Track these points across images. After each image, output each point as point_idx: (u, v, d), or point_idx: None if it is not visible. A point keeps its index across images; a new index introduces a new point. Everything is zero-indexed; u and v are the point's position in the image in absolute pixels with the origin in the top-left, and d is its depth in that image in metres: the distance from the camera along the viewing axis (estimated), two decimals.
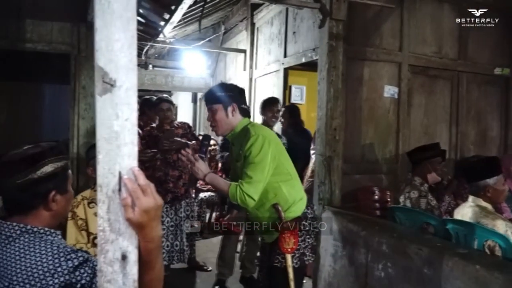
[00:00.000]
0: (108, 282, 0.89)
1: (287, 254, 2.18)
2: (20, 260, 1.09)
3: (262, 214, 2.22)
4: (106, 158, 0.89)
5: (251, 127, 2.18)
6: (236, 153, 2.22)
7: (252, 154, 2.07)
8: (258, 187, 2.07)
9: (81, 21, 3.16)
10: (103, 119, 0.89)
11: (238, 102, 2.22)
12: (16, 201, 1.20)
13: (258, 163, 2.06)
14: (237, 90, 2.31)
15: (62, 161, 1.27)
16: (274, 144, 2.14)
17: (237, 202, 2.07)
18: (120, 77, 0.90)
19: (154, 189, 0.92)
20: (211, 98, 2.22)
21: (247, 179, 2.06)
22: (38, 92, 3.51)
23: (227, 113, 2.18)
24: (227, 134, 2.26)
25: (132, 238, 0.90)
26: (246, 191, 2.04)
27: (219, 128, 2.22)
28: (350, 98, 3.64)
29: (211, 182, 2.15)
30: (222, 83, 2.41)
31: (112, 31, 0.89)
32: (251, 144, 2.07)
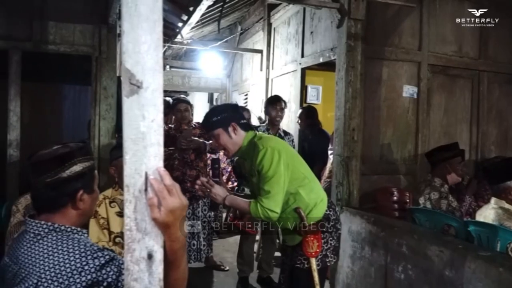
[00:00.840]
0: (135, 281, 0.91)
1: (311, 258, 2.17)
2: (48, 258, 1.11)
3: (284, 219, 2.22)
4: (133, 159, 0.90)
5: (258, 140, 2.17)
6: (249, 168, 2.23)
7: (264, 168, 2.07)
8: (277, 199, 2.08)
9: (102, 23, 3.21)
10: (130, 120, 0.90)
11: (235, 120, 2.21)
12: (45, 199, 1.23)
13: (272, 176, 2.07)
14: (230, 109, 2.30)
15: (89, 161, 1.30)
16: (284, 153, 2.12)
17: (261, 218, 2.09)
18: (146, 78, 0.91)
19: (179, 190, 0.93)
20: (209, 126, 2.22)
21: (265, 194, 2.07)
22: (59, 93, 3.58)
23: (230, 134, 2.18)
24: (237, 153, 2.26)
25: (158, 237, 0.92)
26: (267, 206, 2.06)
27: (228, 151, 2.23)
28: (368, 98, 3.61)
29: (231, 204, 2.19)
30: (213, 107, 2.43)
31: (139, 33, 0.91)
32: (261, 158, 2.08)
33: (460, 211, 2.89)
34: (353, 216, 3.04)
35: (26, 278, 1.11)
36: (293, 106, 4.78)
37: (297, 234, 2.17)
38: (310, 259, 2.16)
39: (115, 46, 3.30)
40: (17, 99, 3.09)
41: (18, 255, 1.17)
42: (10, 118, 3.09)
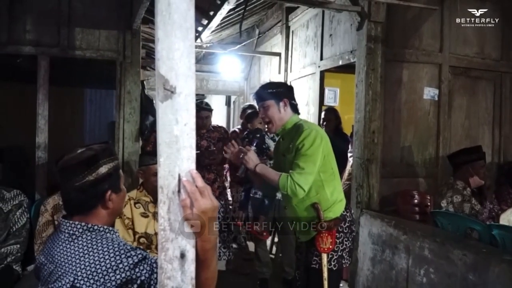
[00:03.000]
0: (168, 279, 0.94)
1: (323, 254, 2.19)
2: (84, 257, 1.16)
3: (301, 211, 2.24)
4: (167, 161, 0.94)
5: (304, 123, 2.24)
6: (285, 147, 2.26)
7: (305, 146, 2.10)
8: (308, 178, 2.10)
9: (127, 28, 3.29)
10: (164, 124, 0.94)
11: (288, 97, 2.26)
12: (76, 203, 1.26)
13: (310, 156, 2.10)
14: (286, 87, 2.38)
15: (114, 161, 1.33)
16: (325, 141, 2.17)
17: (286, 192, 2.09)
18: (180, 84, 0.94)
19: (211, 192, 0.96)
20: (262, 95, 2.27)
21: (299, 169, 2.09)
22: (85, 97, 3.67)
23: (279, 109, 2.23)
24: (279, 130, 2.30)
25: (190, 237, 0.95)
26: (297, 181, 2.07)
27: (273, 124, 2.26)
28: (388, 100, 3.60)
29: (261, 172, 2.18)
30: (271, 81, 2.47)
31: (172, 41, 0.94)
32: (305, 137, 2.11)
33: (483, 215, 2.85)
34: (374, 219, 3.03)
35: (62, 277, 1.16)
36: (312, 108, 4.78)
37: (312, 229, 2.19)
38: (322, 254, 2.18)
39: (139, 51, 3.37)
40: (45, 103, 3.19)
41: (53, 255, 1.22)
42: (39, 122, 3.19)
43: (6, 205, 2.61)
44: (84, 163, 1.26)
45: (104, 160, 1.29)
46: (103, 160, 1.29)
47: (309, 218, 2.21)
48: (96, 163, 1.27)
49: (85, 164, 1.26)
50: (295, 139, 2.16)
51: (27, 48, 3.18)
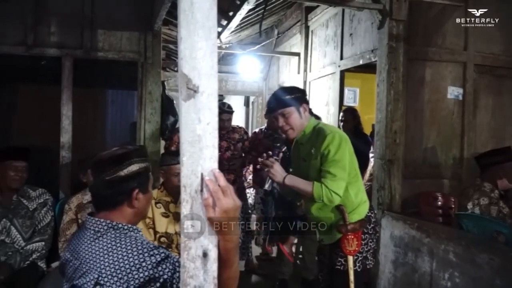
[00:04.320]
0: (191, 278, 0.94)
1: (349, 256, 2.16)
2: (108, 254, 1.17)
3: (325, 214, 2.21)
4: (190, 160, 0.94)
5: (324, 126, 2.19)
6: (306, 152, 2.21)
7: (331, 152, 2.07)
8: (341, 184, 2.07)
9: (148, 30, 3.33)
10: (187, 123, 0.94)
11: (305, 102, 2.23)
12: (104, 196, 1.30)
13: (339, 161, 2.07)
14: (301, 90, 2.33)
15: (145, 162, 1.37)
16: (348, 143, 2.15)
17: (323, 200, 2.07)
18: (202, 83, 0.94)
19: (233, 191, 0.96)
20: (281, 103, 2.19)
21: (331, 176, 2.06)
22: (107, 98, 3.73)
23: (300, 114, 2.19)
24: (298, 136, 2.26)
25: (212, 236, 0.95)
26: (332, 188, 2.04)
27: (294, 131, 2.21)
28: (411, 100, 3.53)
29: (292, 184, 2.14)
30: (284, 87, 2.42)
31: (195, 40, 0.94)
32: (329, 142, 2.08)
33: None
34: (396, 221, 2.98)
35: (87, 273, 1.18)
36: (331, 109, 4.74)
37: (337, 232, 2.16)
38: (348, 257, 2.15)
39: (160, 52, 3.41)
40: (69, 103, 3.26)
41: (79, 251, 1.24)
42: (63, 122, 3.25)
43: (32, 204, 2.67)
44: (117, 159, 1.31)
45: (136, 159, 1.33)
46: (135, 159, 1.33)
47: (334, 221, 2.18)
48: (128, 161, 1.31)
49: (117, 160, 1.30)
50: (318, 144, 2.12)
51: (52, 50, 3.26)
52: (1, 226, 2.57)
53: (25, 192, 2.68)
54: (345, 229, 2.12)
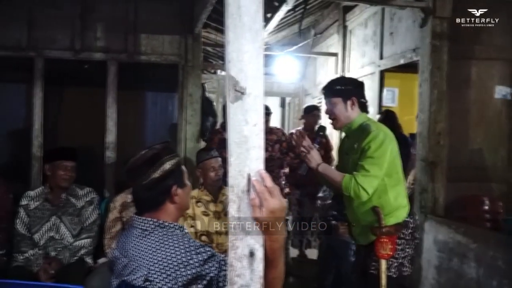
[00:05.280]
0: (237, 277, 0.95)
1: (382, 260, 2.11)
2: (156, 252, 1.21)
3: (360, 214, 2.18)
4: (237, 161, 0.95)
5: (372, 123, 2.17)
6: (349, 146, 2.20)
7: (371, 148, 2.04)
8: (373, 181, 2.04)
9: (188, 33, 3.41)
10: (234, 124, 0.95)
11: (357, 96, 2.19)
12: (145, 200, 1.34)
13: (377, 158, 2.03)
14: (356, 84, 2.29)
15: (175, 158, 1.39)
16: (393, 144, 2.10)
17: (349, 193, 2.05)
18: (249, 85, 0.96)
19: (280, 192, 0.97)
20: (330, 91, 2.21)
21: (364, 172, 2.03)
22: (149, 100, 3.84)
23: (346, 107, 2.17)
24: (344, 127, 2.25)
25: (259, 236, 0.96)
26: (361, 183, 2.01)
27: (337, 121, 2.21)
28: (455, 100, 3.40)
29: (324, 172, 2.14)
30: (341, 76, 2.42)
31: (242, 43, 0.96)
32: (372, 139, 2.05)
33: None
34: (439, 225, 2.88)
35: (136, 270, 1.22)
36: (370, 109, 4.65)
37: (371, 233, 2.13)
38: (380, 260, 2.10)
39: (200, 55, 3.48)
40: (113, 105, 3.38)
41: (127, 249, 1.29)
42: (108, 123, 3.38)
43: (79, 202, 2.79)
44: (148, 162, 1.33)
45: (166, 157, 1.36)
46: (165, 157, 1.35)
47: (369, 222, 2.15)
48: (159, 161, 1.34)
49: (149, 163, 1.33)
50: (361, 139, 2.09)
51: (97, 54, 3.40)
52: (51, 223, 2.70)
53: (73, 191, 2.80)
54: (379, 232, 2.08)
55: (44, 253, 2.61)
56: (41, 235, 2.67)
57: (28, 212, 2.70)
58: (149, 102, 3.80)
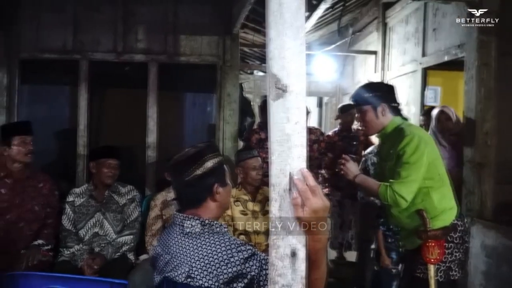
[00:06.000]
0: (279, 276, 0.94)
1: (430, 265, 2.04)
2: (198, 249, 1.23)
3: (404, 219, 2.12)
4: (278, 159, 0.94)
5: (406, 126, 2.10)
6: (386, 153, 2.16)
7: (406, 153, 1.99)
8: (411, 187, 1.98)
9: (226, 33, 3.44)
10: (276, 122, 0.95)
11: (387, 101, 2.15)
12: (187, 196, 1.37)
13: (413, 163, 1.98)
14: (385, 89, 2.26)
15: (218, 157, 1.41)
16: (430, 146, 2.03)
17: (387, 202, 2.01)
18: (291, 82, 0.95)
19: (322, 191, 0.95)
20: (359, 100, 2.19)
21: (400, 178, 1.99)
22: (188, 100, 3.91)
23: (377, 114, 2.13)
24: (378, 133, 2.22)
25: (301, 236, 0.94)
26: (398, 191, 1.97)
27: (369, 129, 2.20)
28: (504, 98, 3.22)
29: (361, 183, 2.12)
30: (369, 83, 2.39)
31: (284, 40, 0.95)
32: (406, 144, 2.00)
33: None
34: (487, 229, 2.75)
35: (178, 267, 1.24)
36: (412, 108, 4.51)
37: (417, 238, 2.06)
38: (428, 265, 2.03)
39: (238, 55, 3.50)
40: (154, 106, 3.47)
41: (169, 246, 1.31)
42: (149, 123, 3.48)
43: (122, 199, 2.88)
44: (191, 159, 1.36)
45: (209, 155, 1.38)
46: (208, 155, 1.37)
47: (414, 226, 2.08)
48: (202, 158, 1.36)
49: (192, 160, 1.36)
50: (396, 144, 2.04)
51: (138, 56, 3.50)
52: (95, 219, 2.80)
53: (116, 188, 2.89)
54: (425, 236, 2.01)
55: (88, 249, 2.72)
56: (86, 231, 2.78)
57: (74, 209, 2.81)
58: (188, 102, 3.86)
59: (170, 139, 3.59)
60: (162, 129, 3.53)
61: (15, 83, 3.41)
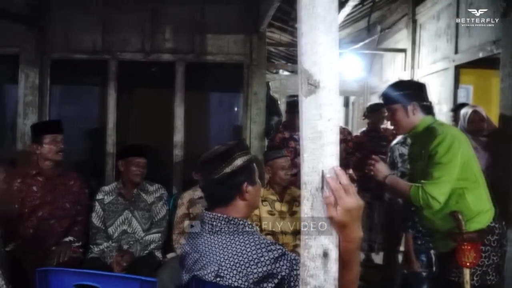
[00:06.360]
0: (311, 277, 0.92)
1: (465, 269, 1.96)
2: (227, 248, 1.21)
3: (438, 220, 2.05)
4: (310, 157, 0.92)
5: (438, 125, 2.04)
6: (417, 153, 2.10)
7: (439, 153, 1.93)
8: (444, 188, 1.92)
9: (253, 32, 3.43)
10: (308, 119, 0.92)
11: (418, 100, 2.09)
12: (216, 195, 1.35)
13: (446, 164, 1.91)
14: (416, 87, 2.20)
15: (247, 155, 1.40)
16: (464, 146, 1.96)
17: (419, 204, 1.95)
18: (323, 78, 0.92)
19: (355, 190, 0.92)
20: (388, 98, 2.14)
21: (432, 180, 1.93)
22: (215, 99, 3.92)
23: (407, 113, 2.08)
24: (408, 133, 2.16)
25: (333, 236, 0.92)
26: (430, 192, 1.91)
27: (399, 128, 2.15)
28: None
29: (391, 184, 2.07)
30: (399, 81, 2.33)
31: (316, 34, 0.93)
32: (438, 143, 1.94)
33: None
34: None
35: (207, 265, 1.23)
36: (444, 107, 4.38)
37: (451, 240, 1.99)
38: (463, 269, 1.95)
39: (265, 54, 3.48)
40: (181, 105, 3.49)
41: (198, 244, 1.30)
42: (176, 122, 3.49)
43: (150, 197, 2.91)
44: (221, 157, 1.35)
45: (238, 153, 1.36)
46: (237, 153, 1.36)
47: (448, 228, 2.01)
48: (232, 156, 1.35)
49: (221, 158, 1.35)
50: (428, 144, 1.98)
51: (166, 55, 3.52)
52: (124, 217, 2.84)
53: (144, 187, 2.93)
54: (460, 238, 1.94)
55: (117, 246, 2.75)
56: (115, 228, 2.82)
57: (103, 206, 2.86)
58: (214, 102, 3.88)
59: (196, 138, 3.60)
60: (189, 129, 3.54)
61: (46, 83, 3.49)
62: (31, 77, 3.41)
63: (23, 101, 3.41)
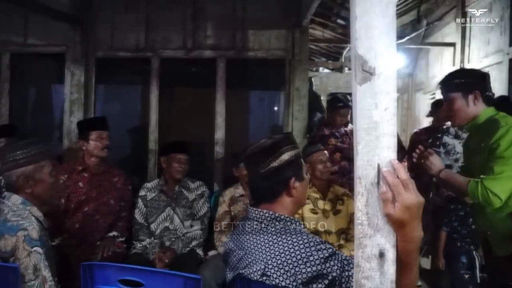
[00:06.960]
0: (366, 279, 0.86)
1: None
2: (274, 246, 1.16)
3: (497, 221, 1.91)
4: (365, 149, 0.86)
5: (501, 118, 1.90)
6: (475, 146, 1.98)
7: (501, 147, 1.79)
8: (506, 185, 1.78)
9: (295, 27, 3.36)
10: (362, 109, 0.86)
11: (480, 88, 1.94)
12: (262, 190, 1.30)
13: (509, 158, 1.78)
14: (478, 75, 2.04)
15: (295, 149, 1.33)
16: None
17: (478, 200, 1.82)
18: (379, 64, 0.87)
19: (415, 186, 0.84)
20: (448, 85, 2.01)
21: (493, 174, 1.79)
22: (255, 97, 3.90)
23: (468, 102, 1.94)
24: (467, 124, 2.02)
25: (390, 235, 0.85)
26: (491, 188, 1.77)
27: (456, 118, 2.00)
28: None
29: (447, 178, 1.95)
30: (461, 69, 2.18)
31: (371, 17, 0.87)
32: (501, 136, 1.80)
33: None
34: None
35: (252, 263, 1.18)
36: None
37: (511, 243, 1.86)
38: None
39: (307, 49, 3.41)
40: (222, 102, 3.49)
41: (243, 241, 1.26)
42: (217, 119, 3.50)
43: (191, 194, 2.91)
44: (267, 150, 1.30)
45: (286, 147, 1.31)
46: (285, 147, 1.30)
47: (507, 230, 1.86)
48: (279, 150, 1.29)
49: (268, 151, 1.29)
50: (489, 137, 1.85)
51: (207, 52, 3.53)
52: (166, 214, 2.86)
53: (186, 184, 2.93)
54: None
55: (159, 242, 2.77)
56: (157, 225, 2.84)
57: (146, 203, 2.89)
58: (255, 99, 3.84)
59: (237, 136, 3.59)
60: (230, 126, 3.53)
61: (91, 81, 3.59)
62: (76, 75, 3.52)
63: (69, 99, 3.53)
